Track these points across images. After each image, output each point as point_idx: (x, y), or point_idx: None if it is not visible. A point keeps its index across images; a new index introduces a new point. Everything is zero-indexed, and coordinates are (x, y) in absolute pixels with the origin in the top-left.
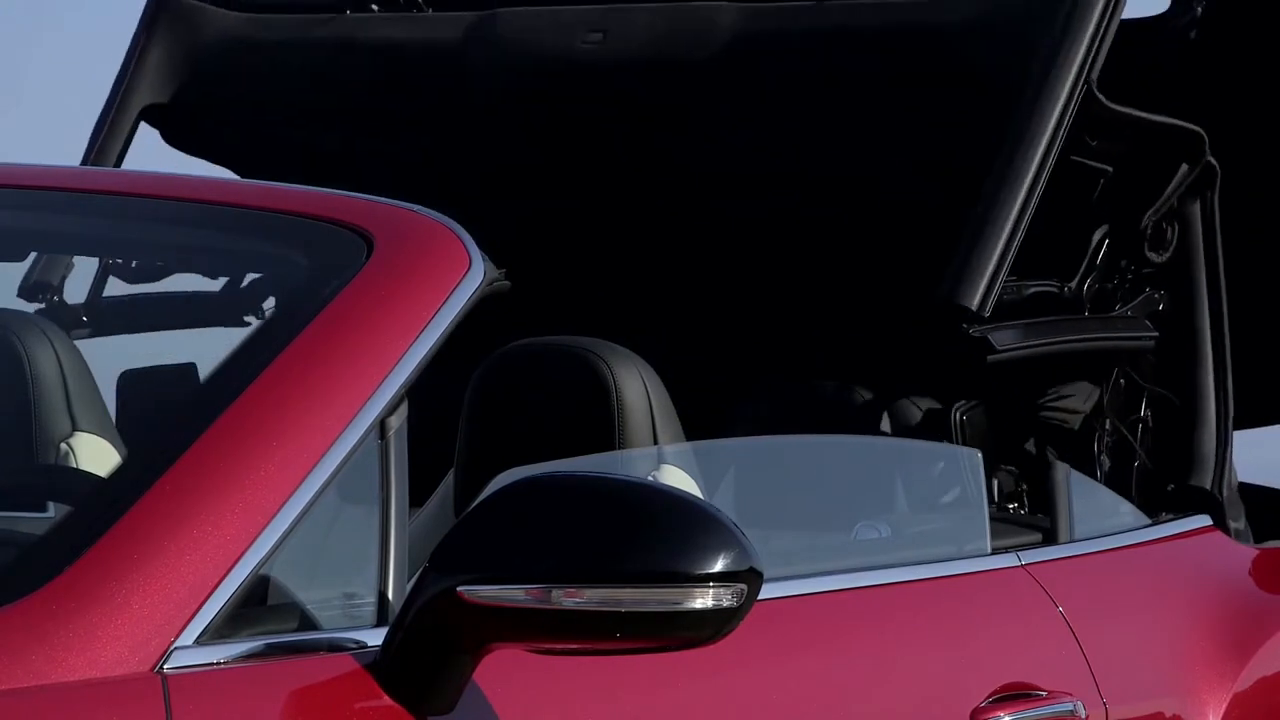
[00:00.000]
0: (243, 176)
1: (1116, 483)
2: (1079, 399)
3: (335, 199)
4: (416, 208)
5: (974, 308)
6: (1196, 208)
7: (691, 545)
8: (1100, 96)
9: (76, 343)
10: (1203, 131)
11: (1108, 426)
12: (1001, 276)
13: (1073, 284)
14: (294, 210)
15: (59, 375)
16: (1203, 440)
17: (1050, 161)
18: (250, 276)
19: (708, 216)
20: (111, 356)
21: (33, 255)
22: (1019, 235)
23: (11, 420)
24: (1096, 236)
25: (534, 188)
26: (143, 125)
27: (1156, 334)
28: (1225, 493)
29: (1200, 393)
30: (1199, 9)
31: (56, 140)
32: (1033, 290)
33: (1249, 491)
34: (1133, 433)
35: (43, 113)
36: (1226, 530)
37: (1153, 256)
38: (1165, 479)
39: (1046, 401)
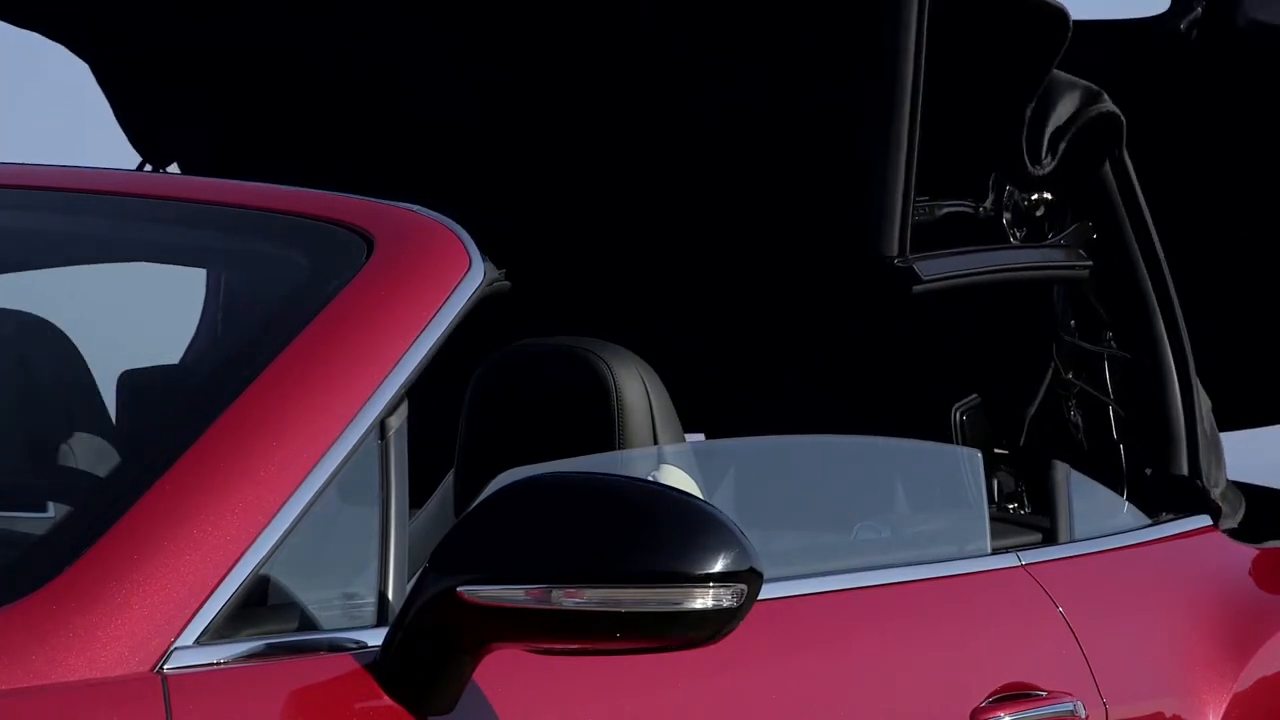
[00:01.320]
0: (77, 53)
1: (1096, 457)
2: (1024, 400)
3: (335, 199)
4: (416, 208)
5: (894, 253)
6: (1108, 169)
7: (691, 545)
8: None
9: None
10: (1066, 10)
11: (1073, 388)
12: (911, 204)
13: (987, 204)
14: (294, 210)
15: (59, 375)
16: (1169, 399)
17: (924, 47)
18: (250, 276)
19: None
20: (112, 356)
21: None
22: (916, 145)
23: (12, 420)
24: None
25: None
26: None
27: (1090, 263)
28: (1202, 460)
29: (1156, 347)
30: (1199, 9)
31: (60, 137)
32: (946, 210)
33: (1249, 491)
34: (1095, 400)
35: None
36: (1209, 499)
37: (1034, 170)
38: (1141, 453)
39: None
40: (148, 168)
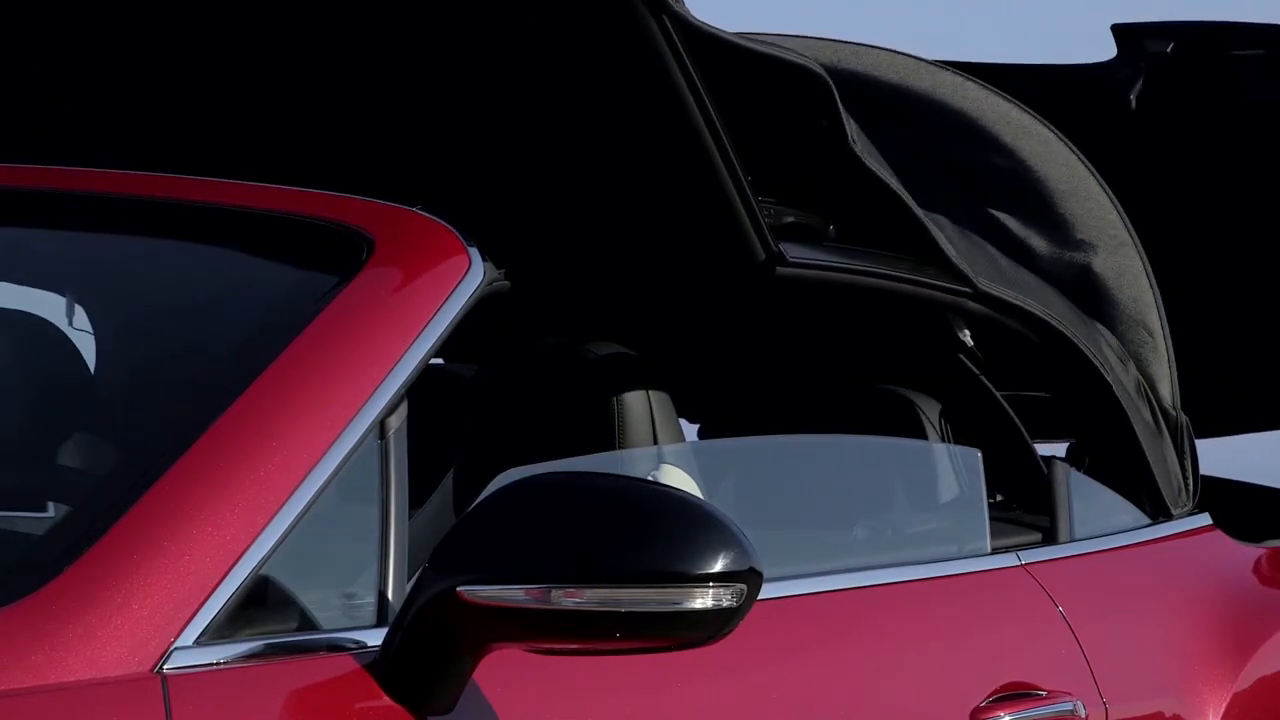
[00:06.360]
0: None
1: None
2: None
3: (335, 199)
4: (416, 208)
5: (762, 259)
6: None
7: (691, 545)
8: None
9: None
10: (822, 74)
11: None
12: (758, 214)
13: (832, 230)
14: (294, 210)
15: (61, 375)
16: (1122, 436)
17: (703, 96)
18: (251, 276)
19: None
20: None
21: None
22: (739, 173)
23: (12, 420)
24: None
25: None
26: None
27: (970, 290)
28: (1162, 487)
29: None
30: (1142, 78)
31: None
32: (790, 220)
33: (1249, 491)
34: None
35: None
36: (1162, 488)
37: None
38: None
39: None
40: None
